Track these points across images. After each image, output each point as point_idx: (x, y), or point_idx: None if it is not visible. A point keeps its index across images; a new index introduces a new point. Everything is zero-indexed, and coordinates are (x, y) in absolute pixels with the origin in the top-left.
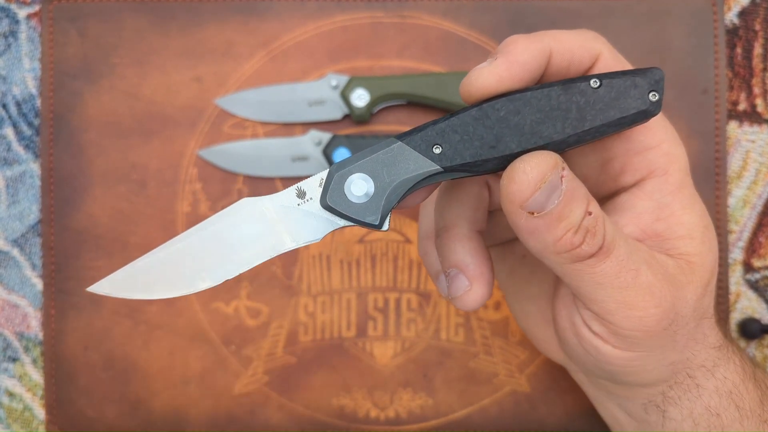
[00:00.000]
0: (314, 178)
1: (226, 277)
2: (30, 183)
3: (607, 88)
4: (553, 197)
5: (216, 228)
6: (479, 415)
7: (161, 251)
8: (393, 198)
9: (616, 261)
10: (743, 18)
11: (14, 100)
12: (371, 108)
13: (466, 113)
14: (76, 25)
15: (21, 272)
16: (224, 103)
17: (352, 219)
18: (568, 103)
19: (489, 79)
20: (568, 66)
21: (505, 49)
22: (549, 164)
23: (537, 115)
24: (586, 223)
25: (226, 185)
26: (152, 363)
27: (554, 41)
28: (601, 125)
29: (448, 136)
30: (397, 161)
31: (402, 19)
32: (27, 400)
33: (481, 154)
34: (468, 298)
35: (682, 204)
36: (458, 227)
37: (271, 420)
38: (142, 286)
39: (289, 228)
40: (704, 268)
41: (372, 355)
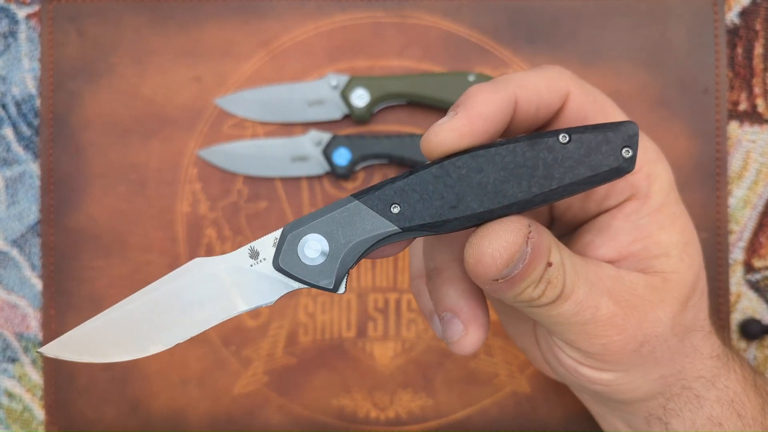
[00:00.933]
0: (268, 238)
1: (177, 340)
2: (29, 183)
3: (577, 144)
4: (518, 264)
5: (167, 289)
6: (480, 415)
7: (113, 312)
8: (348, 260)
9: (574, 303)
10: (744, 18)
11: (14, 100)
12: (371, 108)
13: (426, 171)
14: (76, 25)
15: (20, 272)
16: (224, 102)
17: (306, 282)
18: (535, 159)
19: (449, 135)
20: (536, 111)
21: (466, 102)
22: (518, 243)
23: (501, 173)
24: (546, 276)
25: (225, 185)
26: (151, 363)
27: (519, 88)
28: (570, 183)
29: (406, 195)
30: (354, 221)
31: (402, 19)
32: (26, 400)
33: (442, 214)
34: (464, 343)
35: (659, 224)
36: (449, 269)
37: (270, 420)
38: (93, 350)
39: (242, 290)
40: (683, 284)
41: (372, 355)
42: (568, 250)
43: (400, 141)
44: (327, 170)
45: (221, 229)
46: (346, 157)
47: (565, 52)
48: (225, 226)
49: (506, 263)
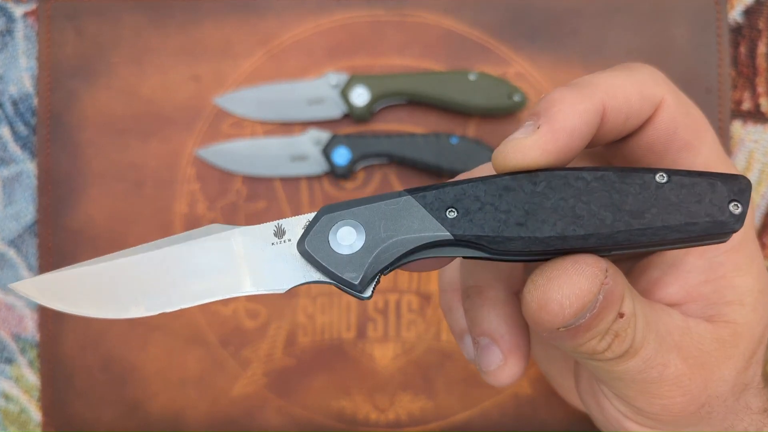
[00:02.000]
0: (300, 218)
1: (164, 308)
2: (26, 183)
3: (676, 186)
4: (586, 314)
5: (171, 249)
6: (480, 417)
7: (105, 261)
8: (384, 258)
9: (641, 360)
10: (747, 17)
11: (11, 99)
12: (371, 107)
13: (496, 179)
14: (74, 24)
15: (17, 273)
16: (223, 102)
17: (328, 271)
18: (625, 191)
19: (531, 153)
20: (625, 121)
21: (548, 113)
22: (593, 292)
23: (583, 198)
24: (615, 327)
25: (224, 185)
26: (150, 364)
27: (608, 96)
28: (661, 227)
29: (467, 201)
30: (401, 216)
31: (402, 17)
32: (23, 402)
33: (504, 229)
34: (502, 375)
35: (736, 265)
36: (492, 289)
37: (269, 422)
38: (68, 298)
39: (254, 268)
40: (751, 338)
41: (372, 356)
42: (638, 294)
43: (400, 140)
44: (326, 170)
45: None
46: (345, 156)
47: (567, 51)
48: None
49: (575, 314)
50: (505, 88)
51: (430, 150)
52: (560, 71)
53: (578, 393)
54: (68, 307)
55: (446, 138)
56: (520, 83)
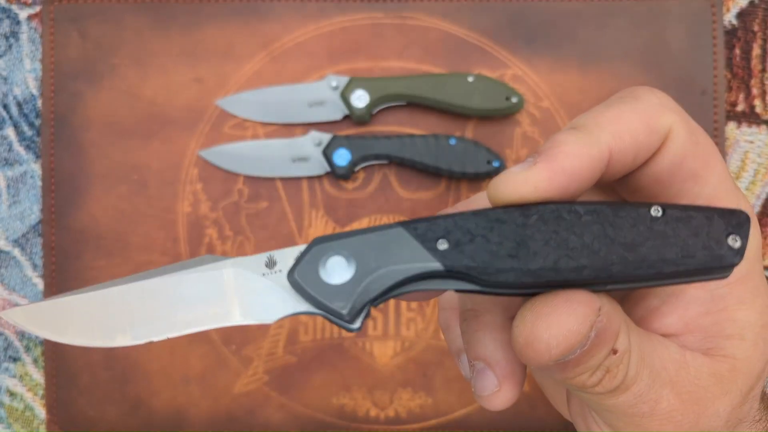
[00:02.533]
0: (292, 250)
1: (150, 337)
2: (31, 183)
3: (671, 219)
4: (576, 352)
5: (163, 279)
6: (478, 414)
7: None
8: (373, 288)
9: (632, 395)
10: (742, 19)
11: (15, 100)
12: (371, 109)
13: (488, 212)
14: (77, 26)
15: (22, 272)
16: (225, 103)
17: (317, 301)
18: (619, 224)
19: (523, 188)
20: (634, 158)
21: (549, 152)
22: (582, 333)
23: (576, 230)
24: (606, 363)
25: (226, 185)
26: (153, 362)
27: (614, 139)
28: (657, 260)
29: (458, 233)
30: (391, 247)
31: (402, 20)
32: (28, 399)
33: (495, 261)
34: (495, 401)
35: (739, 298)
36: (490, 314)
37: (271, 419)
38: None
39: (243, 300)
40: (750, 374)
41: (372, 354)
42: (634, 326)
43: (399, 141)
44: (327, 170)
45: (222, 229)
46: (346, 157)
47: (564, 53)
48: (226, 226)
49: (562, 354)
50: (503, 90)
51: (429, 151)
52: (557, 73)
53: (569, 412)
54: (55, 336)
55: (445, 139)
56: (517, 85)
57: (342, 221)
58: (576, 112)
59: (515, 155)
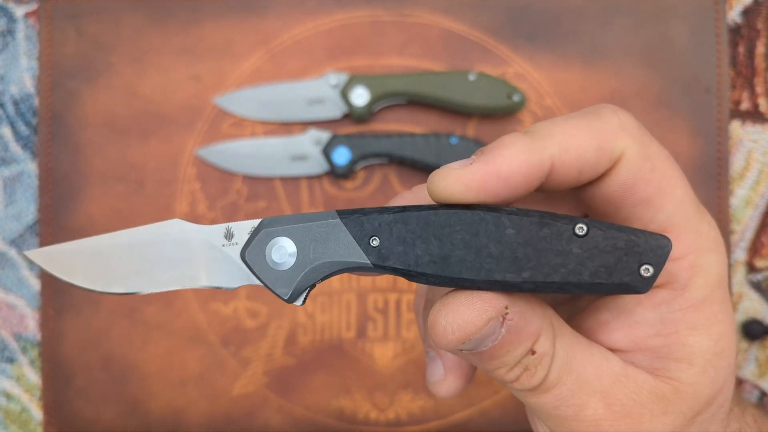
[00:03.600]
0: (246, 224)
1: (136, 290)
2: (27, 183)
3: (593, 242)
4: (486, 342)
5: (141, 239)
6: (480, 416)
7: (95, 240)
8: (312, 276)
9: (554, 397)
10: (746, 17)
11: (12, 99)
12: (371, 107)
13: (420, 213)
14: (74, 24)
15: (18, 273)
16: (223, 101)
17: (264, 283)
18: (540, 243)
19: (454, 186)
20: (579, 174)
21: (488, 153)
22: (476, 326)
23: (497, 245)
24: (525, 361)
25: (224, 185)
26: (150, 364)
27: (560, 150)
28: (568, 283)
29: (390, 232)
30: (329, 240)
31: (402, 17)
32: (24, 401)
33: (419, 265)
34: (440, 389)
35: (691, 324)
36: None
37: (270, 421)
38: (68, 269)
39: (208, 266)
40: (695, 399)
41: (372, 356)
42: (571, 334)
43: (400, 140)
44: (326, 170)
45: None
46: (345, 156)
47: (566, 51)
48: None
49: (459, 341)
50: (505, 88)
51: (429, 150)
52: (559, 71)
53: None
54: (68, 277)
55: (446, 138)
56: (519, 83)
57: None
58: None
59: None
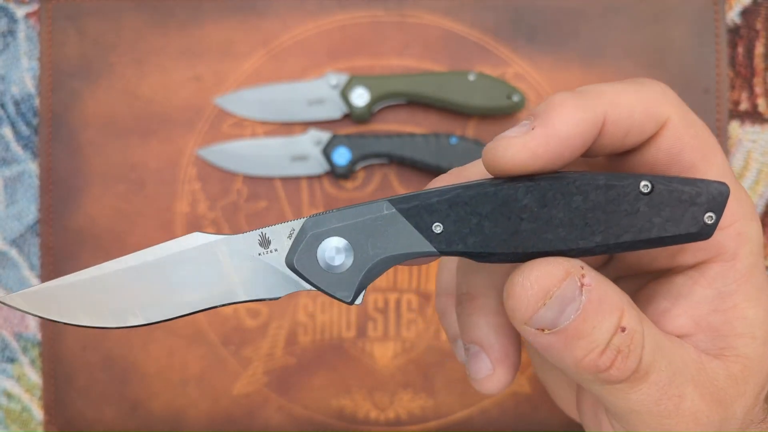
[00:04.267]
0: (283, 227)
1: (162, 317)
2: (28, 183)
3: (658, 197)
4: (567, 311)
5: (158, 260)
6: (480, 416)
7: (96, 271)
8: (373, 274)
9: (655, 387)
10: (745, 17)
11: (13, 99)
12: (371, 107)
13: (481, 189)
14: (75, 24)
15: (19, 272)
16: (223, 102)
17: (320, 289)
18: (607, 205)
19: (520, 154)
20: (625, 136)
21: (545, 116)
22: (555, 276)
23: (565, 212)
24: (616, 342)
25: (225, 185)
26: (151, 363)
27: (611, 106)
28: (638, 241)
29: (453, 214)
30: (387, 232)
31: (402, 18)
32: (25, 400)
33: (489, 245)
34: (489, 384)
35: (747, 295)
36: (484, 297)
37: (270, 421)
38: (63, 309)
39: (244, 279)
40: (761, 373)
41: (372, 355)
42: (648, 320)
43: (400, 140)
44: (327, 170)
45: (221, 229)
46: (345, 156)
47: (566, 52)
48: (224, 226)
49: (538, 297)
50: (504, 89)
51: (429, 150)
52: (559, 72)
53: (579, 412)
54: (67, 318)
55: (446, 138)
56: (519, 84)
57: None
58: None
59: None
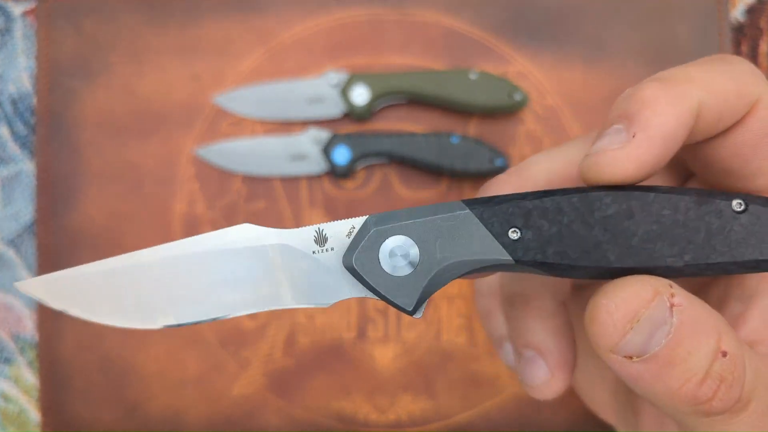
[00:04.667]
0: (343, 224)
1: (195, 319)
2: (25, 182)
3: (752, 218)
4: (657, 336)
5: (198, 252)
6: (481, 418)
7: (124, 260)
8: (440, 281)
9: (754, 416)
10: (749, 16)
11: (9, 98)
12: (371, 106)
13: (565, 198)
14: (72, 22)
15: (16, 273)
16: (222, 100)
17: (379, 293)
18: (697, 221)
19: (627, 166)
20: (718, 121)
21: (642, 118)
22: (643, 298)
23: (653, 227)
24: (718, 369)
25: (223, 184)
26: (149, 365)
27: (705, 93)
28: (730, 263)
29: (533, 221)
30: (458, 235)
31: (402, 15)
32: (22, 402)
33: (568, 256)
34: (547, 391)
35: None
36: (540, 299)
37: (269, 423)
38: (84, 302)
39: (294, 280)
40: None
41: (372, 357)
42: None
43: (400, 139)
44: (326, 169)
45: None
46: (345, 155)
47: (568, 50)
48: (223, 226)
49: (625, 319)
50: (506, 87)
51: (430, 149)
52: (561, 70)
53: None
54: (85, 313)
55: (447, 137)
56: (520, 82)
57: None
58: (581, 109)
59: (519, 153)
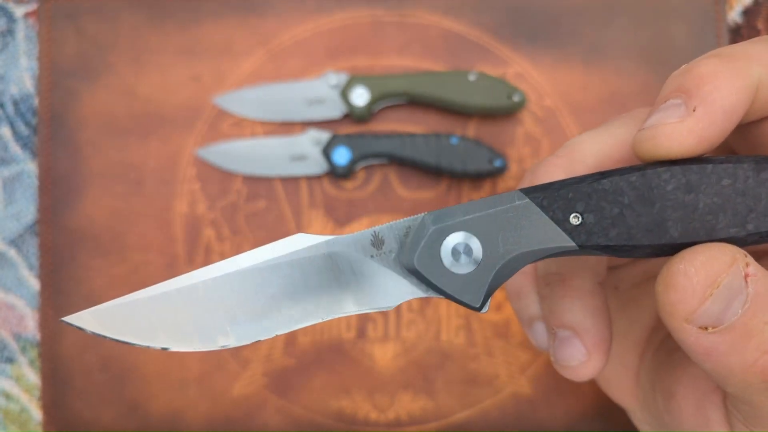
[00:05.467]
0: (398, 225)
1: (258, 337)
2: (27, 182)
3: None
4: (734, 305)
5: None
6: (480, 417)
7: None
8: (505, 273)
9: None
10: (746, 17)
11: (11, 99)
12: (371, 107)
13: (623, 178)
14: (74, 24)
15: (18, 272)
16: (223, 101)
17: (444, 293)
18: (758, 189)
19: (687, 140)
20: None
21: (702, 92)
22: (722, 262)
23: (714, 199)
24: None
25: (224, 185)
26: (150, 365)
27: (766, 70)
28: None
29: (593, 204)
30: (520, 225)
31: (402, 17)
32: (24, 401)
33: (632, 237)
34: (584, 371)
35: None
36: (577, 278)
37: (269, 422)
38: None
39: (354, 286)
40: None
41: (372, 356)
42: None
43: (400, 140)
44: (326, 170)
45: (220, 229)
46: (345, 156)
47: (567, 51)
48: (224, 226)
49: (705, 284)
50: (505, 89)
51: (430, 150)
52: (560, 71)
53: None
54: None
55: (446, 138)
56: (519, 83)
57: (342, 221)
58: (579, 110)
59: (517, 154)
